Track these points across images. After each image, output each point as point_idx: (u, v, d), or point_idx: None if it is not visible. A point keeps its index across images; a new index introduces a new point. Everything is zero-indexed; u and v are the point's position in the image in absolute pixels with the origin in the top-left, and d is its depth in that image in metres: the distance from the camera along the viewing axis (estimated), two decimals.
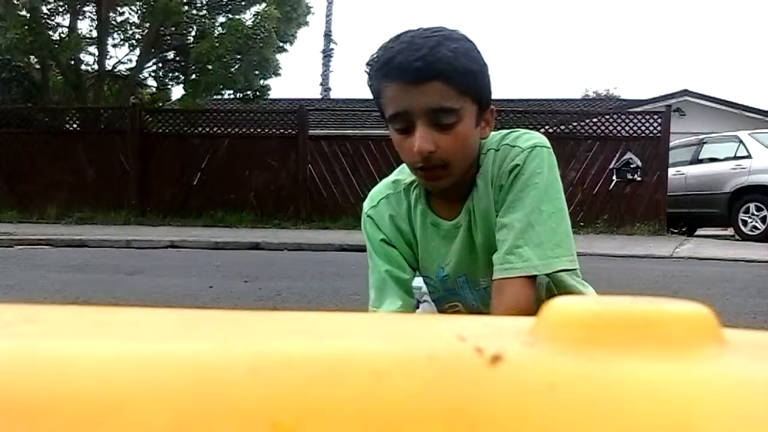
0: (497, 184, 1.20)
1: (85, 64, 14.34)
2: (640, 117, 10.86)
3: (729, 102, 15.54)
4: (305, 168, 11.21)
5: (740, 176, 9.79)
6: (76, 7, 13.47)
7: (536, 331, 0.32)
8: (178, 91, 15.38)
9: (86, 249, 7.91)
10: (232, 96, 14.54)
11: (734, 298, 4.57)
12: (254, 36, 12.50)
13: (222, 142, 11.47)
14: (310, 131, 11.62)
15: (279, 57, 13.96)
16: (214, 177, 11.38)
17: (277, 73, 14.22)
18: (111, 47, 14.26)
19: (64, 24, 13.70)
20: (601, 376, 0.29)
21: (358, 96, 17.30)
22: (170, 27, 13.60)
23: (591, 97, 26.08)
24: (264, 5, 13.23)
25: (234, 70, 13.17)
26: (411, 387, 0.29)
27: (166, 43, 14.40)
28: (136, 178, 11.39)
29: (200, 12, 14.09)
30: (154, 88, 15.55)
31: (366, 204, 1.34)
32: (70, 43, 12.71)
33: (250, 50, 12.66)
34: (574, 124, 11.34)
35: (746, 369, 0.30)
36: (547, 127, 10.63)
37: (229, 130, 11.63)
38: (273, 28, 12.72)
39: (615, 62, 64.18)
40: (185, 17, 13.39)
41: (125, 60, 14.76)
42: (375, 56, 1.14)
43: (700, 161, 10.74)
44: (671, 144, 10.72)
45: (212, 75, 13.17)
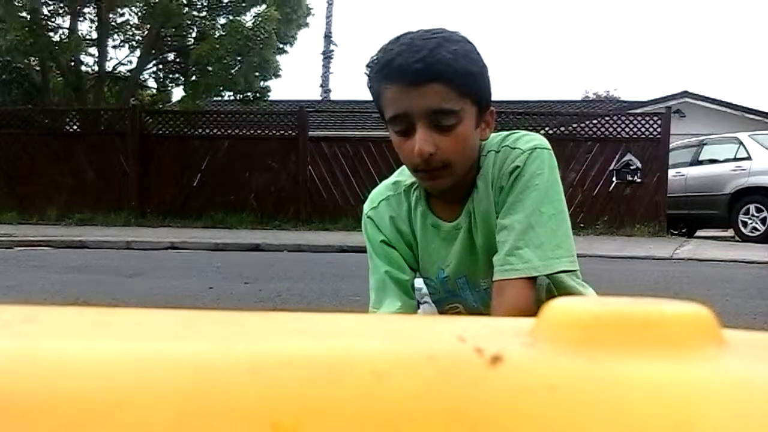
0: (497, 185, 1.20)
1: (85, 66, 14.36)
2: (640, 118, 10.86)
3: (729, 103, 15.54)
4: (305, 169, 11.21)
5: (740, 178, 9.79)
6: (77, 9, 13.48)
7: (536, 332, 0.32)
8: (178, 92, 15.41)
9: (86, 250, 7.91)
10: (233, 97, 14.55)
11: (734, 299, 4.57)
12: (254, 37, 12.51)
13: (222, 143, 11.48)
14: (310, 133, 11.61)
15: (279, 58, 13.98)
16: (214, 178, 11.38)
17: (277, 75, 14.23)
18: (111, 49, 14.31)
19: (65, 26, 13.72)
20: (601, 377, 0.29)
21: (359, 97, 17.31)
22: (170, 28, 13.60)
23: (591, 98, 26.09)
24: (264, 7, 13.24)
25: (234, 71, 13.18)
26: (411, 387, 0.29)
27: (167, 44, 14.41)
28: (136, 179, 11.39)
29: (200, 13, 14.10)
30: (154, 90, 15.56)
31: (366, 205, 1.34)
32: (70, 44, 12.72)
33: (251, 52, 12.67)
34: (574, 125, 11.35)
35: (746, 369, 0.30)
36: (547, 129, 10.65)
37: (229, 131, 11.63)
38: (273, 29, 12.73)
39: (615, 64, 64.27)
40: (185, 19, 13.40)
41: (125, 61, 14.81)
42: (375, 58, 1.14)
43: (700, 163, 10.75)
44: (671, 145, 10.72)
45: (212, 76, 13.17)
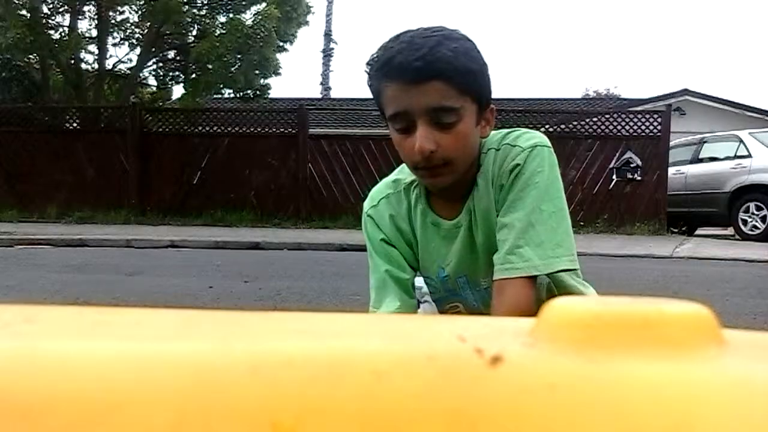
0: (498, 183, 1.20)
1: (85, 63, 14.36)
2: (640, 116, 10.86)
3: (729, 101, 15.55)
4: (305, 167, 11.21)
5: (740, 175, 9.79)
6: (76, 7, 13.46)
7: (536, 331, 0.32)
8: (178, 90, 15.40)
9: (86, 248, 7.91)
10: (233, 95, 14.55)
11: (734, 298, 4.57)
12: (254, 35, 12.51)
13: (222, 141, 11.47)
14: (310, 130, 11.61)
15: (279, 56, 13.99)
16: (214, 176, 11.38)
17: (277, 73, 14.23)
18: (111, 46, 14.30)
19: (65, 23, 13.71)
20: (601, 377, 0.29)
21: (359, 95, 17.29)
22: (170, 26, 13.59)
23: (591, 96, 26.08)
24: (264, 5, 13.23)
25: (234, 69, 13.18)
26: (411, 387, 0.29)
27: (167, 42, 14.41)
28: (136, 177, 11.39)
29: (200, 11, 14.09)
30: (155, 88, 15.56)
31: (366, 204, 1.34)
32: (70, 42, 12.72)
33: (251, 50, 12.66)
34: (575, 123, 11.35)
35: (746, 369, 0.30)
36: (547, 126, 10.63)
37: (229, 129, 11.64)
38: (273, 27, 12.72)
39: (615, 61, 64.17)
40: (185, 16, 13.39)
41: (125, 59, 14.81)
42: (375, 56, 1.14)
43: (700, 160, 10.74)
44: (671, 143, 10.72)
45: (212, 74, 13.17)
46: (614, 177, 10.61)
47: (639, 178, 10.54)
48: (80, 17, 13.81)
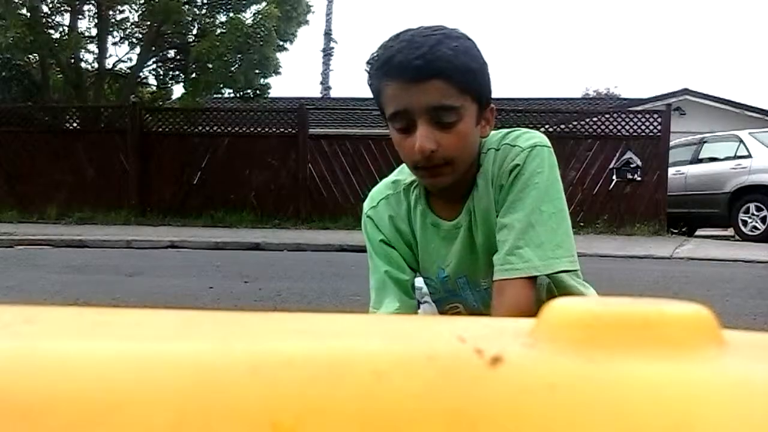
0: (497, 183, 1.20)
1: (85, 63, 14.36)
2: (640, 116, 10.85)
3: (729, 101, 15.54)
4: (305, 167, 11.21)
5: (740, 176, 9.78)
6: (76, 6, 13.46)
7: (536, 332, 0.32)
8: (178, 89, 15.40)
9: (86, 249, 7.91)
10: (232, 95, 14.55)
11: (734, 298, 4.57)
12: (254, 35, 12.51)
13: (222, 141, 11.47)
14: (311, 130, 11.61)
15: (279, 56, 13.99)
16: (214, 176, 11.38)
17: (277, 72, 14.23)
18: (111, 46, 14.30)
19: (64, 23, 13.71)
20: (601, 377, 0.29)
21: (359, 95, 17.30)
22: (170, 25, 13.59)
23: (591, 96, 26.07)
24: (264, 4, 13.23)
25: (234, 68, 13.18)
26: (411, 387, 0.29)
27: (167, 41, 14.40)
28: (136, 177, 11.39)
29: (200, 11, 14.08)
30: (155, 87, 15.56)
31: (366, 204, 1.34)
32: (70, 41, 12.71)
33: (251, 49, 12.66)
34: (574, 123, 11.34)
35: (746, 370, 0.30)
36: (547, 126, 10.63)
37: (229, 129, 11.63)
38: (273, 26, 12.72)
39: (615, 61, 64.16)
40: (185, 16, 13.39)
41: (125, 59, 14.80)
42: (375, 55, 1.14)
43: (700, 161, 10.74)
44: (671, 143, 10.72)
45: (212, 74, 13.17)
46: (614, 177, 10.61)
47: (639, 178, 10.54)
48: (80, 17, 13.82)
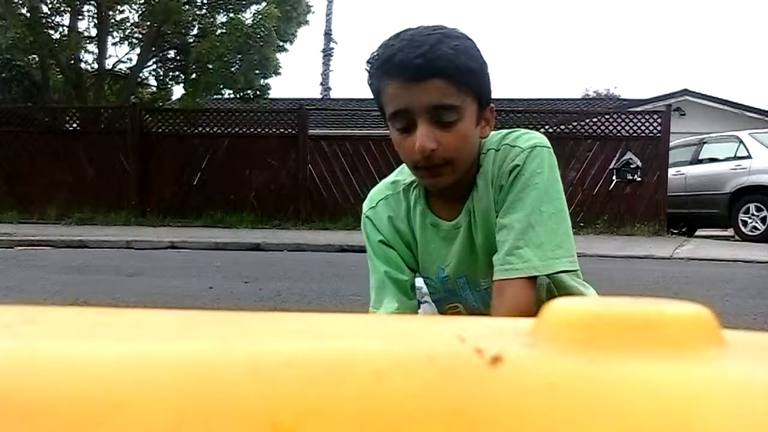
0: (497, 184, 1.20)
1: (85, 63, 14.36)
2: (640, 117, 10.85)
3: (729, 102, 15.54)
4: (305, 168, 11.21)
5: (740, 176, 9.78)
6: (76, 6, 13.46)
7: (536, 332, 0.32)
8: (178, 90, 15.40)
9: (86, 250, 7.91)
10: (232, 95, 14.54)
11: (734, 299, 4.57)
12: (254, 35, 12.50)
13: (222, 141, 11.47)
14: (310, 131, 11.61)
15: (279, 56, 13.98)
16: (214, 177, 11.38)
17: (277, 73, 14.23)
18: (111, 46, 14.29)
19: (64, 23, 13.70)
20: (601, 377, 0.29)
21: (359, 96, 17.31)
22: (170, 26, 13.59)
23: (591, 96, 26.09)
24: (264, 4, 13.23)
25: (234, 69, 13.17)
26: (411, 387, 0.29)
27: (167, 42, 14.40)
28: (136, 177, 11.38)
29: (200, 11, 14.08)
30: (155, 88, 15.55)
31: (365, 205, 1.34)
32: (70, 42, 12.71)
33: (251, 49, 12.66)
34: (574, 123, 11.34)
35: (746, 370, 0.30)
36: (547, 127, 10.63)
37: (229, 129, 11.63)
38: (273, 27, 12.72)
39: (615, 62, 64.19)
40: (185, 16, 13.39)
41: (125, 59, 14.80)
42: (375, 54, 1.14)
43: (700, 161, 10.74)
44: (671, 144, 10.72)
45: (212, 74, 13.16)
46: (614, 178, 10.61)
47: (639, 179, 10.54)
48: (80, 17, 13.81)
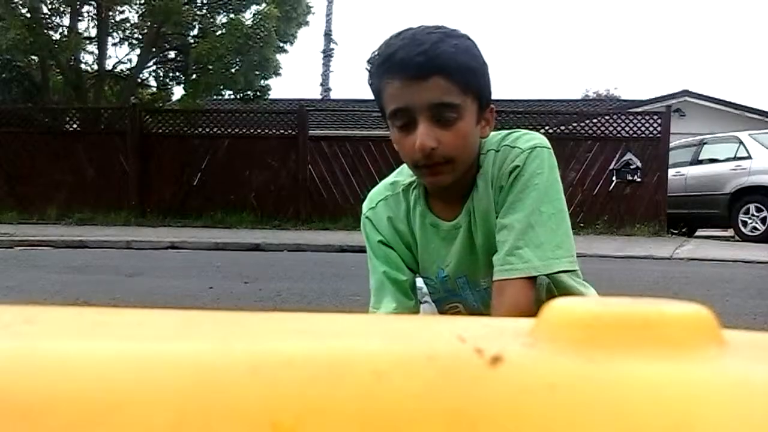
0: (497, 184, 1.20)
1: (85, 64, 14.35)
2: (640, 117, 10.86)
3: (729, 102, 15.54)
4: (305, 168, 11.21)
5: (740, 177, 9.79)
6: (76, 7, 13.46)
7: (536, 332, 0.32)
8: (178, 91, 15.40)
9: (86, 250, 7.91)
10: (232, 96, 14.54)
11: (734, 299, 4.57)
12: (254, 36, 12.50)
13: (222, 142, 11.47)
14: (310, 132, 11.61)
15: (279, 57, 13.98)
16: (214, 177, 11.38)
17: (277, 73, 14.23)
18: (111, 47, 14.28)
19: (64, 24, 13.70)
20: (601, 377, 0.29)
21: (359, 96, 17.30)
22: (170, 26, 13.58)
23: (591, 97, 26.09)
24: (264, 5, 13.22)
25: (234, 70, 13.18)
26: (411, 387, 0.29)
27: (167, 42, 14.40)
28: (136, 178, 11.39)
29: (200, 11, 14.07)
30: (154, 88, 15.55)
31: (365, 206, 1.34)
32: (70, 42, 12.70)
33: (251, 50, 12.66)
34: (574, 124, 11.34)
35: (746, 370, 0.30)
36: (547, 128, 10.64)
37: (229, 130, 11.63)
38: (273, 27, 12.72)
39: (615, 63, 64.23)
40: (185, 17, 13.38)
41: (125, 60, 14.79)
42: (376, 53, 1.14)
43: (700, 162, 10.74)
44: (671, 145, 10.72)
45: (212, 75, 13.16)
46: (614, 178, 10.61)
47: (639, 179, 10.54)
48: (80, 18, 13.81)
